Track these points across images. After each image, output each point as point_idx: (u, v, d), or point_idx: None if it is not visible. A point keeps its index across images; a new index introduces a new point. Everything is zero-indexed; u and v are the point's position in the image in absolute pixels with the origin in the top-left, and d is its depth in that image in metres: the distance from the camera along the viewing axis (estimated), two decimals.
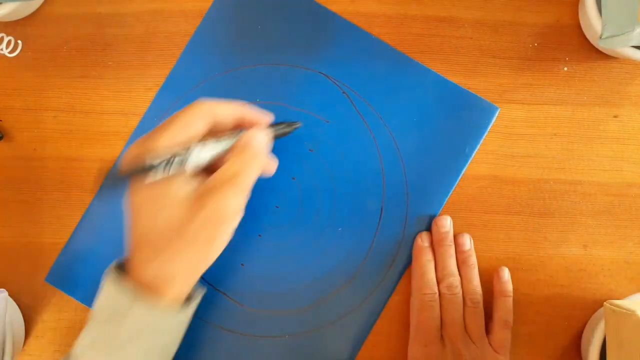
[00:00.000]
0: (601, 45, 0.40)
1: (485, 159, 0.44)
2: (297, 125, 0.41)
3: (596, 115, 0.45)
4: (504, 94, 0.45)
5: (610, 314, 0.37)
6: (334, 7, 0.46)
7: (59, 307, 0.45)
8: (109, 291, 0.33)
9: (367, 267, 0.43)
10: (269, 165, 0.38)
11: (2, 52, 0.46)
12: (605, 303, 0.38)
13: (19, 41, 0.46)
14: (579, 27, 0.45)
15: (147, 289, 0.33)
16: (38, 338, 0.45)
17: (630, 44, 0.38)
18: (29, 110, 0.46)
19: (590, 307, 0.43)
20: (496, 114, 0.44)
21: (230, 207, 0.32)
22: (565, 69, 0.45)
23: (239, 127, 0.36)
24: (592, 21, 0.41)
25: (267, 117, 0.37)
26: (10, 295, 0.43)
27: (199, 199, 0.32)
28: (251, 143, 0.34)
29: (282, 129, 0.39)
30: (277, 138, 0.39)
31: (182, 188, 0.32)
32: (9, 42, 0.46)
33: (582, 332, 0.43)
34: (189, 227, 0.31)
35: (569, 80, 0.45)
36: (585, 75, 0.45)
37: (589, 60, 0.45)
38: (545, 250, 0.44)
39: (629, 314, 0.34)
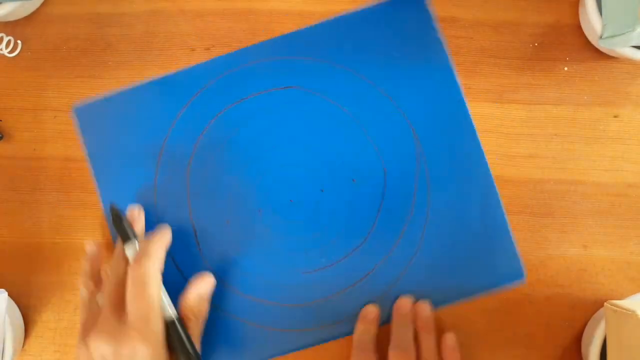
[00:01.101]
0: (601, 45, 0.40)
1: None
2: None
3: (596, 115, 0.45)
4: (504, 94, 0.45)
5: (610, 314, 0.37)
6: (334, 7, 0.46)
7: (59, 307, 0.45)
8: None
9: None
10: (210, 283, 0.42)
11: (1, 52, 0.46)
12: (605, 303, 0.38)
13: (19, 41, 0.46)
14: (579, 27, 0.45)
15: None
16: (38, 338, 0.45)
17: (631, 44, 0.38)
18: (29, 111, 0.46)
19: (590, 308, 0.43)
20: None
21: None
22: (566, 68, 0.45)
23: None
24: (592, 21, 0.41)
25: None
26: (10, 295, 0.43)
27: None
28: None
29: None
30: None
31: None
32: (8, 42, 0.46)
33: (582, 332, 0.43)
34: None
35: (569, 80, 0.45)
36: (585, 75, 0.45)
37: (589, 60, 0.45)
38: (545, 250, 0.44)
39: (629, 314, 0.34)
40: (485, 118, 0.45)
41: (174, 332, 0.37)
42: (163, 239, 0.40)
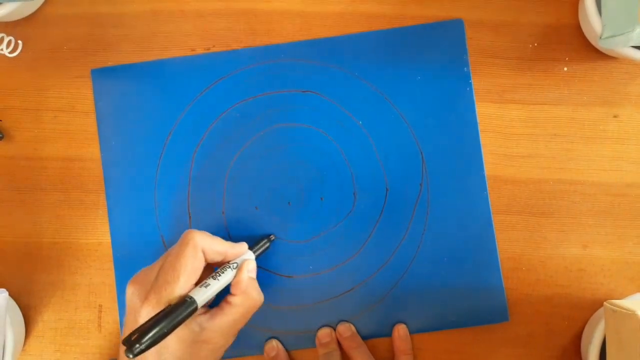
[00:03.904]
0: (601, 46, 0.40)
1: (485, 159, 0.44)
2: (272, 238, 0.44)
3: (596, 115, 0.45)
4: (504, 94, 0.45)
5: (610, 313, 0.37)
6: (334, 8, 0.46)
7: (59, 306, 0.45)
8: None
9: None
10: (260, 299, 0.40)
11: (2, 52, 0.46)
12: (605, 303, 0.38)
13: (19, 41, 0.46)
14: (579, 27, 0.45)
15: None
16: (38, 338, 0.45)
17: (630, 44, 0.38)
18: (29, 110, 0.46)
19: (590, 307, 0.43)
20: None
21: (229, 344, 0.38)
22: (565, 69, 0.45)
23: (227, 260, 0.39)
24: (592, 21, 0.41)
25: (244, 247, 0.40)
26: (10, 295, 0.43)
27: (204, 342, 0.36)
28: (252, 292, 0.38)
29: (263, 247, 0.42)
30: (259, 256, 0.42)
31: (187, 333, 0.36)
32: (9, 42, 0.46)
33: (581, 332, 0.43)
34: None
35: (569, 81, 0.45)
36: (585, 75, 0.45)
37: (589, 61, 0.45)
38: (545, 250, 0.44)
39: (628, 314, 0.34)
40: (485, 118, 0.45)
41: (174, 310, 0.34)
42: (240, 249, 0.40)
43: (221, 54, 0.46)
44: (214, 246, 0.38)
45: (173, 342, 0.36)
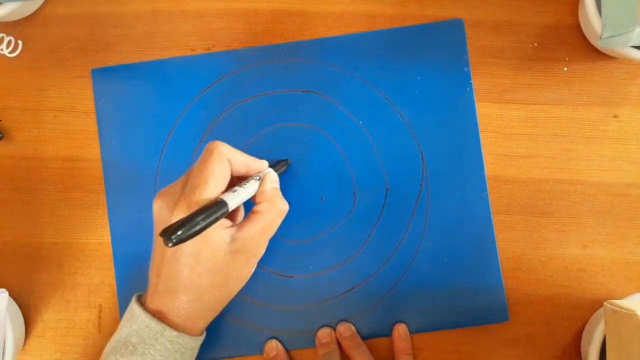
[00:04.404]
0: (601, 46, 0.40)
1: (485, 159, 0.44)
2: (289, 162, 0.44)
3: (596, 115, 0.45)
4: (504, 94, 0.45)
5: (610, 313, 0.37)
6: (334, 8, 0.46)
7: (59, 306, 0.45)
8: (138, 322, 0.37)
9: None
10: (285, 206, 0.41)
11: (2, 52, 0.46)
12: (605, 303, 0.38)
13: (19, 41, 0.46)
14: (578, 27, 0.45)
15: (178, 325, 0.37)
16: (38, 338, 0.45)
17: (630, 44, 0.38)
18: (29, 110, 0.46)
19: (590, 307, 0.43)
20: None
21: (261, 255, 0.40)
22: (565, 69, 0.45)
23: (250, 173, 0.40)
24: (592, 21, 0.41)
25: (265, 164, 0.41)
26: (10, 295, 0.43)
27: (237, 252, 0.37)
28: (277, 199, 0.39)
29: (281, 168, 0.43)
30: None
31: (219, 241, 0.36)
32: (9, 42, 0.46)
33: (582, 332, 0.43)
34: (229, 277, 0.38)
35: (568, 81, 0.45)
36: (585, 75, 0.45)
37: (588, 61, 0.45)
38: (545, 250, 0.44)
39: (628, 314, 0.34)
40: (485, 118, 0.45)
41: (207, 208, 0.34)
42: (260, 164, 0.40)
43: (221, 54, 0.46)
44: (238, 157, 0.38)
45: (206, 255, 0.36)
